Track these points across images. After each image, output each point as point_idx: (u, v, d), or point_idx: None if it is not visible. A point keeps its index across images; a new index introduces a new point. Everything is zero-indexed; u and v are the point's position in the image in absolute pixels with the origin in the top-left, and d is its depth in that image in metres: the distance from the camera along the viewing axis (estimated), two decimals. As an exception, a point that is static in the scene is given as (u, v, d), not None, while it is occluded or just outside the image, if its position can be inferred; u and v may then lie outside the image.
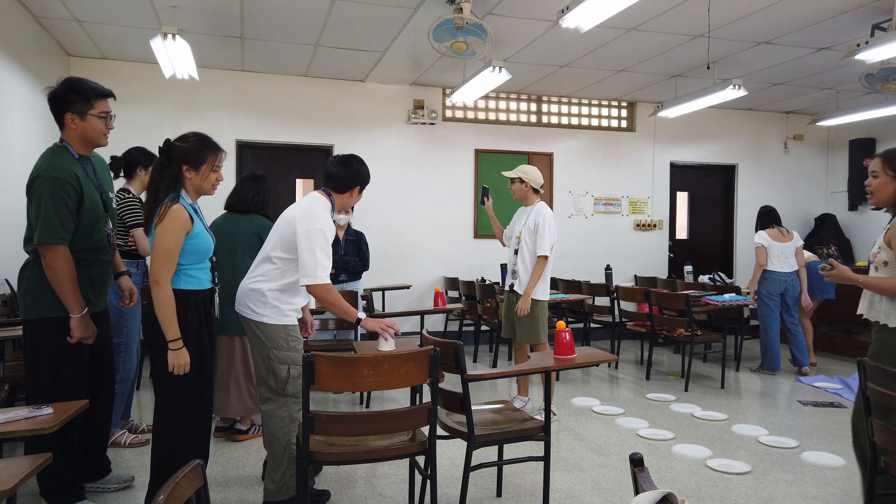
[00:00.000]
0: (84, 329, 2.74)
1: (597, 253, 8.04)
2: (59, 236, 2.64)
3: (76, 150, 2.79)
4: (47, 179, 2.65)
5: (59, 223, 2.63)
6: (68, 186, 2.67)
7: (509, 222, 4.75)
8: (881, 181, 2.75)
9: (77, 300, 2.70)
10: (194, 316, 2.60)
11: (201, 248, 2.62)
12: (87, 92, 2.74)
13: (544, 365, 3.01)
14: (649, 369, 5.98)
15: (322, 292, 2.76)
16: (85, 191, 2.74)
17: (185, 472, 1.32)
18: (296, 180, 7.36)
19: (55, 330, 2.71)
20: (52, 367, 2.73)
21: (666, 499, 1.11)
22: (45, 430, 2.14)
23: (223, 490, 3.25)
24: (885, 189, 2.75)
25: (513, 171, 4.56)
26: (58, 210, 2.63)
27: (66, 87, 2.74)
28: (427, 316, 6.39)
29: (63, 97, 2.73)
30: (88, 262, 2.81)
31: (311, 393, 2.44)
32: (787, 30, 5.39)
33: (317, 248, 2.73)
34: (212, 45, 5.98)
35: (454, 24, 4.39)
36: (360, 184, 2.96)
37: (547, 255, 4.37)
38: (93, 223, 2.80)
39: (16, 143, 4.76)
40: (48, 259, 2.65)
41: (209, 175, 2.64)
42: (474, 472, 2.84)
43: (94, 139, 2.81)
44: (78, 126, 2.75)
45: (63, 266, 2.65)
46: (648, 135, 8.31)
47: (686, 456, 3.83)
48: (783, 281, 5.96)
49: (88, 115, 2.75)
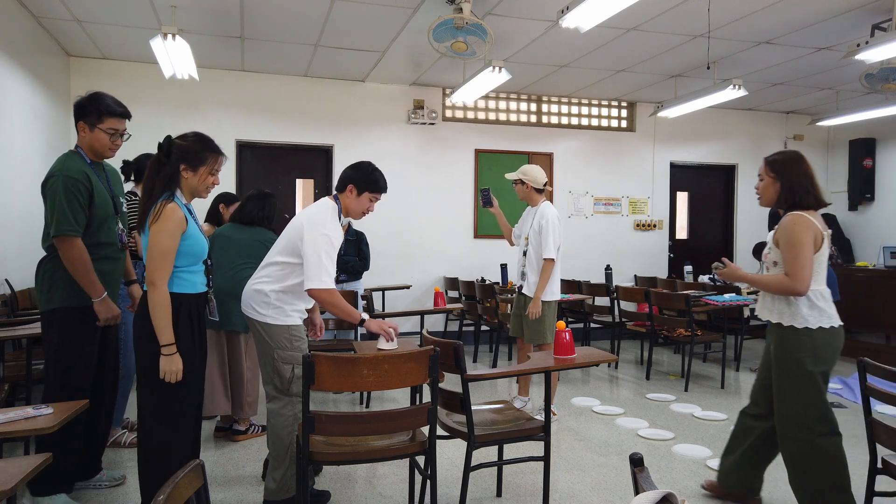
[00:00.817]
0: (107, 310, 2.90)
1: (597, 253, 8.04)
2: (73, 228, 2.80)
3: (88, 156, 2.97)
4: (60, 178, 2.82)
5: (72, 217, 2.79)
6: (79, 184, 2.83)
7: (517, 221, 4.75)
8: (765, 183, 2.89)
9: (96, 285, 2.86)
10: (185, 320, 2.53)
11: (196, 249, 2.55)
12: (100, 107, 2.92)
13: (544, 365, 3.01)
14: (649, 369, 5.98)
15: (325, 296, 2.78)
16: (95, 189, 2.90)
17: (185, 472, 1.32)
18: (296, 180, 7.35)
19: (66, 319, 2.86)
20: (65, 353, 2.86)
21: (666, 499, 1.11)
22: (45, 430, 2.14)
23: (223, 490, 3.25)
24: (769, 190, 2.87)
25: (514, 172, 4.56)
26: (70, 205, 2.79)
27: (87, 98, 2.94)
28: (427, 316, 6.39)
29: (82, 107, 2.94)
30: (99, 258, 2.92)
31: (311, 393, 2.44)
32: (787, 30, 5.39)
33: (322, 254, 2.76)
34: (212, 45, 5.98)
35: (454, 25, 4.39)
36: (353, 183, 2.93)
37: (552, 257, 4.36)
38: (103, 220, 2.94)
39: (16, 144, 4.76)
40: (64, 250, 2.80)
41: (206, 178, 2.60)
42: (474, 472, 2.85)
43: (100, 151, 2.98)
44: (86, 135, 2.94)
45: (78, 255, 2.81)
46: (648, 135, 8.31)
47: (686, 456, 3.83)
48: None
49: (97, 128, 2.92)
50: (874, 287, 7.06)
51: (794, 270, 2.69)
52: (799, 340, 2.74)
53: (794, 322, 2.76)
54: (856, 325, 7.35)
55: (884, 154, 8.31)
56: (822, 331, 2.73)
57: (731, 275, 2.94)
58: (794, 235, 2.71)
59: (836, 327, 2.77)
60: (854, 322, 7.34)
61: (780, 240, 2.78)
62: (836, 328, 2.76)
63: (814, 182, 2.81)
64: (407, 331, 7.10)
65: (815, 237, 2.72)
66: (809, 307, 2.75)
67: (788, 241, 2.72)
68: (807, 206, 2.78)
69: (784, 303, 2.80)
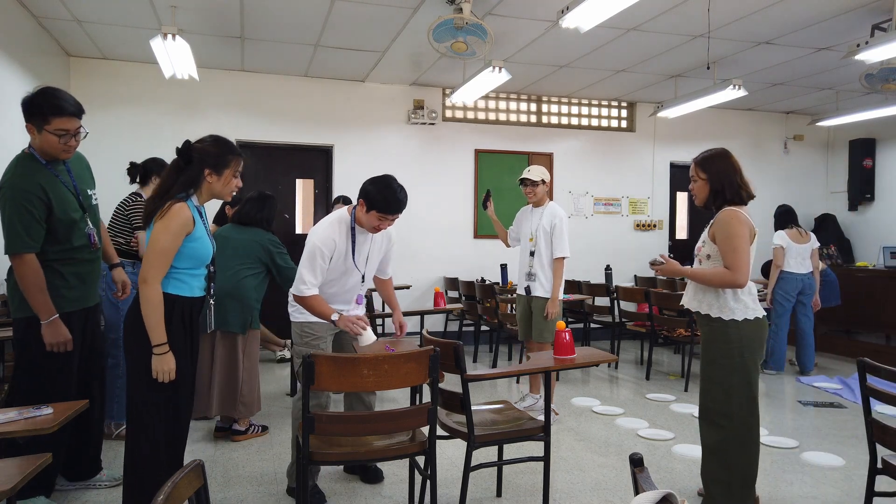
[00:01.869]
0: (54, 335, 2.70)
1: (597, 253, 8.04)
2: (26, 245, 2.64)
3: (43, 157, 2.75)
4: (9, 190, 2.64)
5: (23, 232, 2.62)
6: (32, 196, 2.64)
7: (511, 223, 4.74)
8: (699, 184, 2.96)
9: (45, 306, 2.68)
10: (178, 324, 2.46)
11: (200, 253, 2.49)
12: (44, 108, 2.66)
13: (544, 365, 3.01)
14: (649, 369, 5.98)
15: (300, 302, 2.98)
16: (53, 198, 2.70)
17: (184, 472, 1.32)
18: (296, 180, 7.35)
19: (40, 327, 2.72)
20: (39, 365, 2.74)
21: (666, 499, 1.11)
22: (44, 430, 2.14)
23: (223, 490, 3.25)
24: (703, 190, 2.95)
25: (530, 173, 4.46)
26: (21, 219, 2.62)
27: (32, 95, 2.69)
28: (427, 316, 6.39)
29: (27, 106, 2.69)
30: (75, 262, 2.83)
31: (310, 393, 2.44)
32: (787, 30, 5.39)
33: (305, 262, 2.95)
34: (212, 45, 5.98)
35: (454, 25, 4.39)
36: (364, 197, 2.92)
37: (567, 255, 4.39)
38: (70, 226, 2.78)
39: (15, 144, 4.74)
40: (15, 266, 2.67)
41: (231, 181, 2.54)
42: (474, 472, 2.85)
43: (52, 154, 2.73)
44: (35, 138, 2.72)
45: (29, 274, 2.65)
46: (648, 135, 8.31)
47: (686, 456, 3.83)
48: (800, 280, 5.97)
49: (44, 131, 2.68)
50: (874, 287, 7.07)
51: (734, 263, 2.76)
52: (726, 332, 2.83)
53: (722, 314, 2.84)
54: (856, 326, 7.36)
55: (884, 154, 8.32)
56: (747, 322, 2.81)
57: (670, 270, 3.01)
58: (731, 229, 2.79)
59: (761, 318, 2.85)
60: (854, 322, 7.35)
61: (718, 234, 2.84)
62: (760, 319, 2.85)
63: (742, 178, 2.90)
64: (407, 331, 7.10)
65: (750, 231, 2.81)
66: (735, 300, 2.83)
67: (727, 234, 2.79)
68: (739, 201, 2.87)
69: (713, 295, 2.87)
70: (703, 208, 2.99)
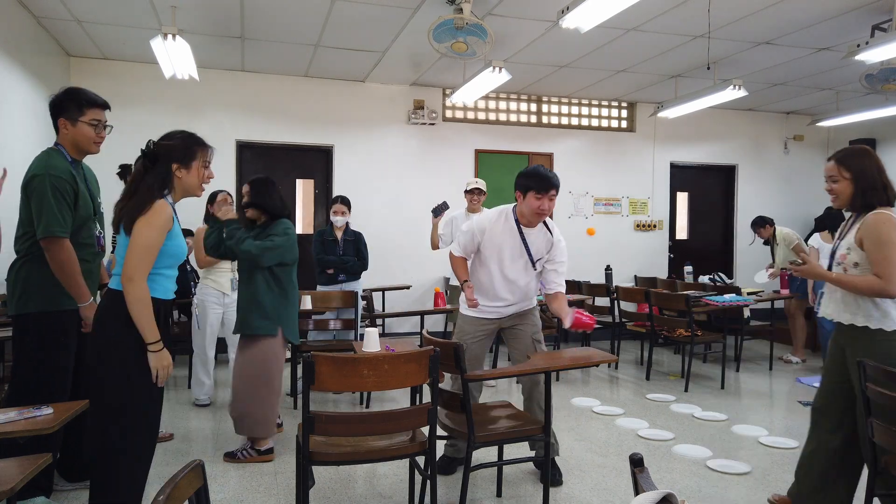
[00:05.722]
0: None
1: (597, 253, 8.04)
2: (63, 229, 2.74)
3: (69, 154, 2.89)
4: (47, 177, 2.74)
5: (60, 217, 2.73)
6: (66, 184, 2.78)
7: None
8: (842, 184, 2.77)
9: (83, 288, 2.80)
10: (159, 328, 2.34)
11: (177, 251, 2.42)
12: (80, 99, 2.86)
13: (544, 365, 3.01)
14: (649, 370, 5.98)
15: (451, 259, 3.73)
16: (79, 189, 2.86)
17: (184, 473, 1.32)
18: (296, 180, 7.35)
19: (40, 324, 2.78)
20: (38, 362, 2.77)
21: (666, 499, 1.11)
22: (45, 430, 2.14)
23: (223, 490, 3.25)
24: (846, 190, 2.76)
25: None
26: (59, 205, 2.73)
27: (63, 93, 2.88)
28: (427, 316, 6.39)
29: (59, 103, 2.86)
30: (79, 258, 2.84)
31: (311, 393, 2.44)
32: (787, 30, 5.39)
33: None
34: (212, 45, 5.98)
35: (454, 25, 4.39)
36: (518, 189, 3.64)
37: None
38: (84, 221, 2.89)
39: (16, 144, 4.76)
40: (54, 252, 2.73)
41: (201, 171, 2.47)
42: (474, 472, 2.84)
43: (84, 145, 2.91)
44: (69, 131, 2.86)
45: (67, 257, 2.75)
46: (648, 135, 8.31)
47: (686, 456, 3.83)
48: None
49: (79, 122, 2.85)
50: (874, 287, 7.05)
51: (886, 271, 2.55)
52: (890, 343, 2.61)
53: (884, 325, 2.62)
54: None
55: (884, 154, 8.31)
56: None
57: (811, 272, 2.83)
58: (882, 234, 2.58)
59: None
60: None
61: (866, 239, 2.64)
62: None
63: (886, 176, 2.69)
64: (407, 331, 7.11)
65: None
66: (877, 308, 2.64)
67: (877, 240, 2.59)
68: (886, 202, 2.66)
69: (871, 304, 2.65)
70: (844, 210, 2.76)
